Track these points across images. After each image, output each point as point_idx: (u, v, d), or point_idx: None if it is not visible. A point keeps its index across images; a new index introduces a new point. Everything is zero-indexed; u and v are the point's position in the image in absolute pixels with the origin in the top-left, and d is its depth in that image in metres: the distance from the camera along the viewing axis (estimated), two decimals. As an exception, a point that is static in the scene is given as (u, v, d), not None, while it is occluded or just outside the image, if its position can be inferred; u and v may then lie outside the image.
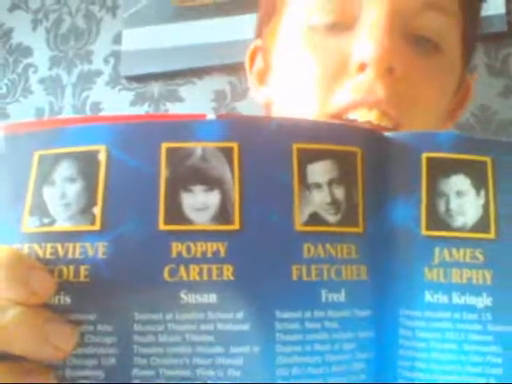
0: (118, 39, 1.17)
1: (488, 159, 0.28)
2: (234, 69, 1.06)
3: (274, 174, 0.27)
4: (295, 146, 0.27)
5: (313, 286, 0.26)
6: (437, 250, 0.28)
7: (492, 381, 0.27)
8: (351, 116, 0.43)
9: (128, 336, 0.25)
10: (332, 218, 0.27)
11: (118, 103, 1.16)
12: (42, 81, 1.23)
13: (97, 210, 0.26)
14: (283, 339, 0.26)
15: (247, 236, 0.26)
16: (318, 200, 0.27)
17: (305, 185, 0.27)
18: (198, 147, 0.26)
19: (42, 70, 1.24)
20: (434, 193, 0.28)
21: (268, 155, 0.27)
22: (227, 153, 0.26)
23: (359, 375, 0.27)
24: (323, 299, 0.26)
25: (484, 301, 0.27)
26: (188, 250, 0.26)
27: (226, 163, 0.26)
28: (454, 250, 0.28)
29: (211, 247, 0.26)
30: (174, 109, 1.13)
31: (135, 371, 0.25)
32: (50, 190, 0.26)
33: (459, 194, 0.28)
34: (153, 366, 0.25)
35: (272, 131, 0.27)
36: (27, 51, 1.26)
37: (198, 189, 0.26)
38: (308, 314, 0.26)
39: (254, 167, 0.27)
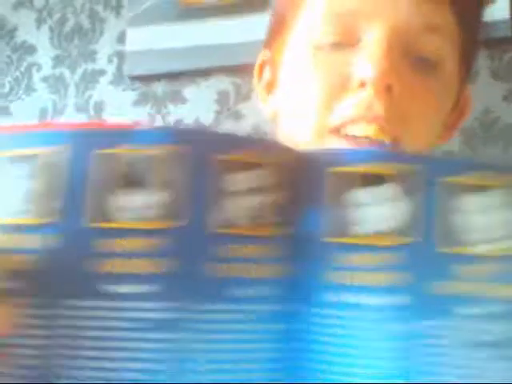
0: (121, 39, 1.17)
1: (393, 172, 0.31)
2: (237, 70, 1.06)
3: (198, 181, 0.30)
4: (217, 157, 0.30)
5: (227, 282, 0.29)
6: (340, 254, 0.31)
7: (393, 373, 0.30)
8: (350, 130, 0.46)
9: (56, 320, 0.29)
10: (247, 223, 0.30)
11: (121, 103, 1.16)
12: (45, 79, 1.24)
13: (36, 208, 0.29)
14: (197, 328, 0.29)
15: (167, 235, 0.29)
16: (236, 206, 0.30)
17: (224, 192, 0.30)
18: (130, 153, 0.29)
19: (46, 69, 1.24)
20: (342, 202, 0.31)
21: (193, 163, 0.30)
22: (157, 159, 0.29)
23: (270, 364, 0.30)
24: (236, 294, 0.30)
25: (386, 301, 0.30)
26: (114, 245, 0.29)
27: (155, 168, 0.29)
28: (358, 255, 0.31)
29: (139, 243, 0.29)
30: (176, 110, 1.13)
31: (61, 351, 0.28)
32: (2, 188, 0.30)
33: (362, 204, 0.31)
34: (75, 347, 0.28)
35: (199, 142, 0.30)
36: (31, 49, 1.26)
37: (127, 191, 0.29)
38: (221, 307, 0.29)
39: (180, 173, 0.30)
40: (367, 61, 0.45)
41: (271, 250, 0.31)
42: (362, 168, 0.31)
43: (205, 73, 1.11)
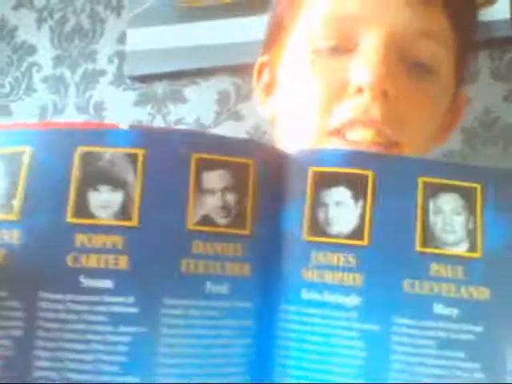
0: (122, 39, 1.17)
1: (370, 172, 0.32)
2: (238, 70, 1.06)
3: (173, 179, 0.30)
4: (194, 156, 0.31)
5: (199, 278, 0.30)
6: (314, 253, 0.31)
7: (354, 371, 0.30)
8: (348, 133, 0.47)
9: (33, 312, 0.29)
10: (222, 221, 0.31)
11: (121, 103, 1.16)
12: (45, 79, 1.24)
13: (15, 203, 0.30)
14: (168, 322, 0.30)
15: (143, 232, 0.30)
16: (211, 204, 0.31)
17: (200, 190, 0.31)
18: (107, 152, 0.30)
19: (46, 69, 1.24)
20: (316, 202, 0.32)
21: (169, 162, 0.31)
22: (133, 158, 0.30)
23: (238, 358, 0.31)
24: (207, 290, 0.30)
25: (352, 301, 0.31)
26: (89, 240, 0.30)
27: (131, 167, 0.30)
28: (328, 254, 0.31)
29: (110, 240, 0.30)
30: (177, 110, 1.13)
31: (39, 342, 0.29)
32: None
33: (338, 204, 0.32)
34: (53, 339, 0.29)
35: (175, 141, 0.31)
36: (31, 50, 1.26)
37: (104, 188, 0.30)
38: (192, 302, 0.30)
39: (156, 172, 0.30)
40: (364, 67, 0.46)
41: (246, 247, 0.31)
42: (340, 169, 0.32)
43: (205, 73, 1.11)
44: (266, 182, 0.32)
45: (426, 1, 0.48)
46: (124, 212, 0.30)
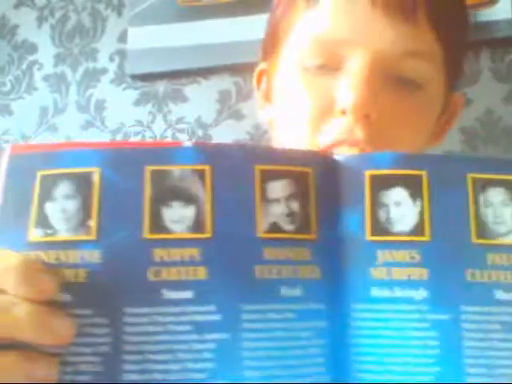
0: (123, 37, 1.17)
1: (423, 172, 0.34)
2: (239, 69, 1.06)
3: (240, 191, 0.32)
4: (257, 168, 0.33)
5: (272, 283, 0.32)
6: (379, 252, 0.33)
7: (430, 361, 0.32)
8: (336, 152, 0.48)
9: (119, 327, 0.31)
10: (289, 227, 0.33)
11: (122, 101, 1.16)
12: (46, 78, 1.24)
13: (92, 223, 0.32)
14: (248, 327, 0.31)
15: (217, 242, 0.32)
16: (277, 212, 0.33)
17: (266, 200, 0.33)
18: (176, 169, 0.32)
19: (47, 67, 1.24)
20: (376, 204, 0.34)
21: (235, 175, 0.33)
22: (201, 174, 0.32)
23: (316, 358, 0.32)
24: (282, 294, 0.32)
25: (421, 293, 0.33)
26: (168, 254, 0.31)
27: (200, 183, 0.32)
28: (394, 252, 0.33)
29: (187, 252, 0.31)
30: (177, 109, 1.13)
31: (126, 357, 0.31)
32: (51, 206, 0.32)
33: (397, 204, 0.34)
34: (140, 352, 0.31)
35: (238, 155, 0.33)
36: (32, 48, 1.26)
37: (177, 204, 0.32)
38: (269, 306, 0.32)
39: (223, 185, 0.32)
40: (347, 90, 0.47)
41: (314, 251, 0.33)
42: (395, 170, 0.34)
43: (206, 72, 1.11)
44: (325, 188, 0.34)
45: (410, 20, 0.49)
46: (197, 225, 0.32)
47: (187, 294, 0.31)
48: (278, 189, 0.33)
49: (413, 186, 0.34)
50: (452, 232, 0.33)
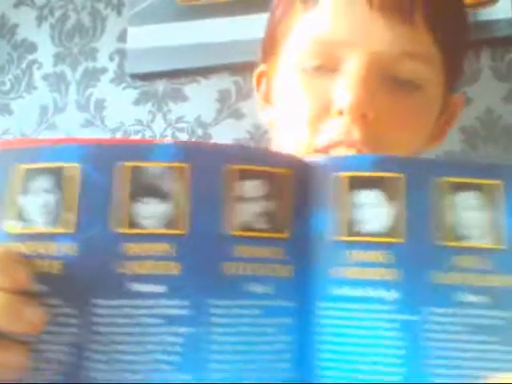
0: (123, 37, 1.17)
1: (398, 175, 0.34)
2: (239, 68, 1.06)
3: (216, 190, 0.33)
4: (234, 167, 0.33)
5: (242, 279, 0.32)
6: (350, 252, 0.34)
7: (397, 361, 0.32)
8: (333, 153, 0.49)
9: (89, 318, 0.31)
10: (262, 226, 0.33)
11: (122, 101, 1.16)
12: (46, 77, 1.23)
13: (70, 217, 0.32)
14: (216, 322, 0.32)
15: (191, 239, 0.32)
16: (251, 211, 0.33)
17: (240, 199, 0.33)
18: (154, 166, 0.33)
19: (47, 67, 1.24)
20: (350, 205, 0.34)
21: (211, 174, 0.33)
22: (178, 171, 0.33)
23: (282, 354, 0.33)
24: (251, 290, 0.32)
25: (390, 294, 0.33)
26: (142, 249, 0.32)
27: (176, 180, 0.33)
28: (363, 252, 0.33)
29: (161, 247, 0.32)
30: (177, 108, 1.13)
31: (95, 346, 0.31)
32: (32, 199, 0.32)
33: (370, 205, 0.34)
34: (108, 342, 0.31)
35: (215, 155, 0.34)
36: (32, 47, 1.26)
37: (153, 201, 0.32)
38: (237, 302, 0.32)
39: (200, 184, 0.33)
40: (344, 91, 0.48)
41: (286, 250, 0.33)
42: (370, 173, 0.34)
43: (206, 71, 1.11)
44: (299, 189, 0.35)
45: (407, 22, 0.49)
46: (172, 222, 0.32)
47: (159, 288, 0.32)
48: (253, 188, 0.34)
49: (386, 188, 0.34)
50: (423, 234, 0.34)
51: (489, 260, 0.34)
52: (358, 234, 0.34)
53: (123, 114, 1.16)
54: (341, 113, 0.48)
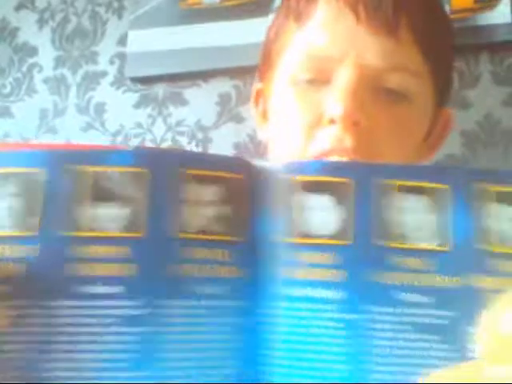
0: (123, 41, 1.17)
1: (347, 180, 0.35)
2: (239, 72, 1.06)
3: (173, 194, 0.34)
4: (190, 172, 0.35)
5: (194, 281, 0.34)
6: (300, 253, 0.35)
7: (340, 359, 0.34)
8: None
9: (49, 319, 0.33)
10: (216, 229, 0.35)
11: (122, 104, 1.17)
12: (46, 80, 1.24)
13: (33, 220, 0.33)
14: (167, 322, 0.33)
15: (147, 242, 0.34)
16: (205, 215, 0.34)
17: (195, 203, 0.34)
18: (113, 171, 0.34)
19: (47, 70, 1.24)
20: (301, 208, 0.35)
21: (169, 179, 0.34)
22: (137, 176, 0.34)
23: (232, 352, 0.34)
24: (203, 292, 0.34)
25: (337, 294, 0.34)
26: (101, 252, 0.33)
27: (135, 185, 0.34)
28: (313, 254, 0.35)
29: (120, 250, 0.33)
30: (177, 112, 1.13)
31: (56, 346, 0.32)
32: None
33: (320, 209, 0.35)
34: (69, 342, 0.32)
35: (173, 160, 0.35)
36: (32, 50, 1.26)
37: (112, 205, 0.34)
38: (189, 303, 0.34)
39: (158, 188, 0.34)
40: (336, 100, 0.50)
41: (237, 253, 0.35)
42: (321, 177, 0.36)
43: (206, 75, 1.11)
44: (253, 193, 0.36)
45: (393, 35, 0.51)
46: (131, 225, 0.34)
47: (116, 289, 0.33)
48: (208, 193, 0.35)
49: (336, 193, 0.35)
50: (369, 237, 0.35)
51: (433, 261, 0.35)
52: (308, 236, 0.35)
53: (123, 117, 1.16)
54: (332, 121, 0.50)
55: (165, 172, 0.35)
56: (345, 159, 0.50)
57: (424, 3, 0.55)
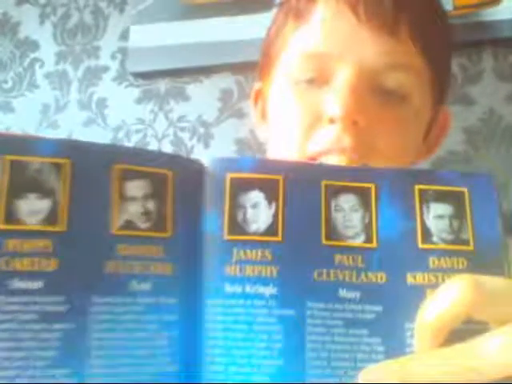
0: (125, 35, 1.17)
1: (280, 177, 0.36)
2: (241, 68, 1.06)
3: (98, 188, 0.33)
4: (116, 167, 0.34)
5: (123, 277, 0.33)
6: (235, 250, 0.35)
7: (274, 354, 0.34)
8: (324, 160, 0.51)
9: None
10: (143, 225, 0.34)
11: (124, 99, 1.16)
12: (48, 75, 1.23)
13: None
14: (96, 318, 0.32)
15: (71, 236, 0.33)
16: (133, 210, 0.34)
17: (123, 198, 0.34)
18: (35, 161, 0.32)
19: (49, 65, 1.24)
20: (235, 205, 0.36)
21: (94, 172, 0.33)
22: (59, 167, 0.33)
23: (164, 349, 0.34)
24: (131, 288, 0.33)
25: (270, 290, 0.35)
26: (21, 245, 0.32)
27: (58, 176, 0.33)
28: (248, 251, 0.35)
29: (40, 244, 0.32)
30: (179, 107, 1.13)
31: None
32: None
33: (254, 205, 0.36)
34: None
35: (98, 153, 0.34)
36: (34, 45, 1.26)
37: (33, 196, 0.32)
38: (118, 300, 0.33)
39: (81, 181, 0.33)
40: (335, 100, 0.50)
41: (167, 249, 0.35)
42: (254, 174, 0.36)
43: (208, 70, 1.11)
44: (185, 189, 0.36)
45: (392, 35, 0.51)
46: (52, 218, 0.32)
47: (37, 285, 0.32)
48: (135, 188, 0.34)
49: (269, 190, 0.36)
50: (304, 234, 0.36)
51: (361, 257, 0.36)
52: (243, 233, 0.35)
53: (125, 112, 1.16)
54: (332, 121, 0.50)
55: (89, 164, 0.33)
56: (343, 158, 0.50)
57: (424, 3, 0.55)
